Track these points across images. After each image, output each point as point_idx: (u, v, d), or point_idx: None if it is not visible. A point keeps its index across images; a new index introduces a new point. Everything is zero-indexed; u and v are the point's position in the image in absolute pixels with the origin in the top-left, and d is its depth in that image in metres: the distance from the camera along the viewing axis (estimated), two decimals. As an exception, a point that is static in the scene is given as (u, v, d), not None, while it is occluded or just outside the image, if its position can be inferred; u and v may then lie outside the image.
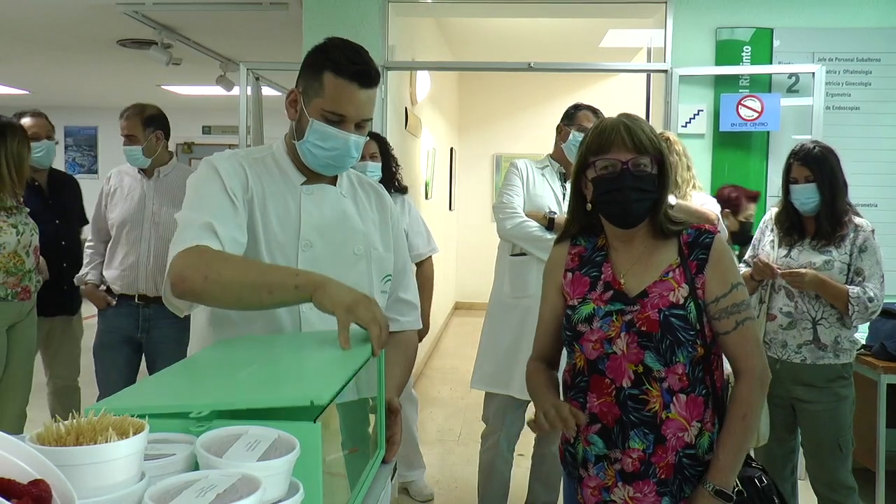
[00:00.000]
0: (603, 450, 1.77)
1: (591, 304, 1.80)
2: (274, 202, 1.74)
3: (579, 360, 1.81)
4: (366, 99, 1.72)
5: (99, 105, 10.73)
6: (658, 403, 1.72)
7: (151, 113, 3.71)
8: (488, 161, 10.01)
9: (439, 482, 4.22)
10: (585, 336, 1.78)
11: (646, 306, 1.74)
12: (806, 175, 2.97)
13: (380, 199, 1.94)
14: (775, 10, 4.31)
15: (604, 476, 1.77)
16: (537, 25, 6.76)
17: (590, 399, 1.78)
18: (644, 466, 1.73)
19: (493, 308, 3.40)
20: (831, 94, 4.25)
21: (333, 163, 1.75)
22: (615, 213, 1.79)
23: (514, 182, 3.33)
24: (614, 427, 1.75)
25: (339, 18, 4.46)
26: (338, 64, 1.68)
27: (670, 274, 1.77)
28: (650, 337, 1.72)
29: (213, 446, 0.97)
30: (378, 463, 1.50)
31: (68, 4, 5.04)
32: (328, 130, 1.70)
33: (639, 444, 1.72)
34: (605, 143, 1.76)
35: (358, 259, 1.79)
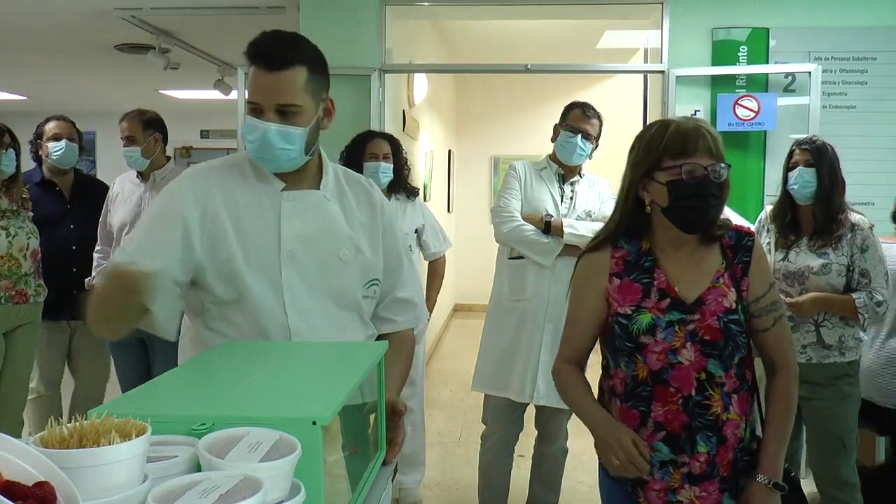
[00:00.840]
0: (669, 455, 1.78)
1: (648, 314, 1.78)
2: (249, 212, 1.70)
3: (641, 370, 1.79)
4: (276, 83, 1.64)
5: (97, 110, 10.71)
6: (720, 406, 1.76)
7: (151, 116, 3.85)
8: (486, 163, 10.01)
9: (440, 483, 4.23)
10: (649, 347, 1.77)
11: (705, 314, 1.76)
12: (806, 159, 3.00)
13: (369, 197, 1.89)
14: (771, 10, 4.32)
15: (669, 479, 1.78)
16: (534, 27, 6.76)
17: (654, 408, 1.78)
18: (710, 467, 1.76)
19: (492, 311, 3.41)
20: (828, 94, 4.26)
21: (262, 155, 1.68)
22: (690, 218, 1.76)
23: (511, 185, 3.34)
24: (681, 433, 1.76)
25: (336, 21, 4.47)
26: (248, 51, 1.65)
27: (720, 280, 1.80)
28: (714, 345, 1.75)
29: (215, 448, 0.98)
30: (379, 464, 1.51)
31: (66, 9, 5.05)
32: (248, 121, 1.67)
33: (704, 447, 1.76)
34: (690, 146, 1.73)
35: (344, 265, 1.76)
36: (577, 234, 3.19)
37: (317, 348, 1.58)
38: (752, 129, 4.26)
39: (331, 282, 1.74)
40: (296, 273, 1.69)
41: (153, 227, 1.70)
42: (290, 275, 1.69)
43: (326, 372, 1.37)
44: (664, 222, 1.80)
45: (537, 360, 3.23)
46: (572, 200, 3.32)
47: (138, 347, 3.82)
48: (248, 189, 1.73)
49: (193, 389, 1.26)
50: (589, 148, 3.28)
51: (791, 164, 3.06)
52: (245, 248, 1.68)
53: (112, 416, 0.94)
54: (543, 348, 3.23)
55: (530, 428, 3.52)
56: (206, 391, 1.25)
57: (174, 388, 1.28)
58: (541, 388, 3.24)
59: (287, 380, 1.29)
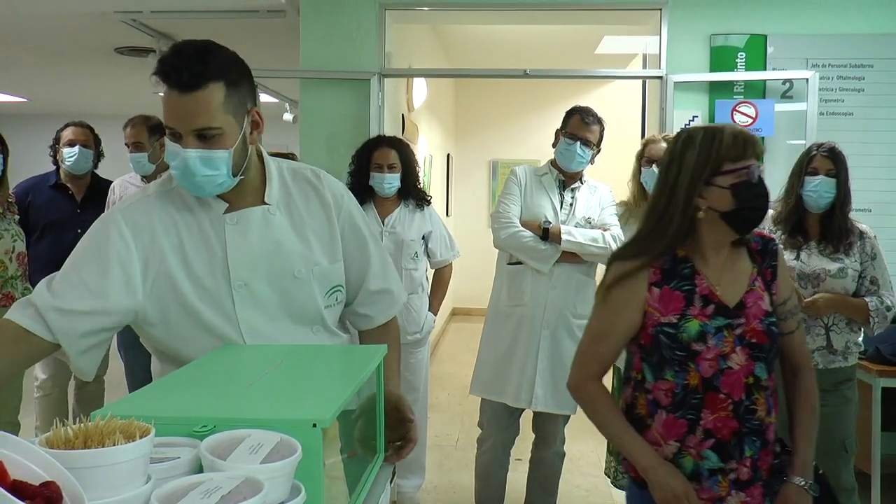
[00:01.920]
0: (718, 463, 1.77)
1: (695, 322, 1.77)
2: (193, 243, 1.59)
3: (693, 378, 1.77)
4: (191, 105, 1.48)
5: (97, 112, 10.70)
6: (764, 410, 1.78)
7: (156, 122, 3.94)
8: (485, 167, 10.03)
9: (437, 487, 4.23)
10: (702, 355, 1.76)
11: (749, 318, 1.77)
12: (829, 168, 2.94)
13: (319, 196, 1.74)
14: (769, 17, 4.34)
15: (717, 488, 1.78)
16: (533, 32, 6.79)
17: (704, 416, 1.77)
18: (754, 472, 1.78)
19: (490, 315, 3.42)
20: (825, 100, 4.27)
21: (186, 183, 1.56)
22: (754, 219, 1.78)
23: (511, 191, 3.34)
24: (731, 440, 1.76)
25: (336, 26, 4.48)
26: (158, 70, 1.49)
27: (756, 283, 1.82)
28: (761, 347, 1.77)
29: (216, 449, 0.99)
30: (378, 467, 1.52)
31: (66, 12, 5.06)
32: (168, 147, 1.53)
33: (749, 451, 1.77)
34: (748, 149, 1.75)
35: (300, 282, 1.66)
36: (575, 241, 3.20)
37: (318, 351, 1.59)
38: (750, 135, 4.27)
39: (289, 302, 1.67)
40: (250, 301, 1.61)
41: (86, 264, 1.55)
42: (244, 305, 1.61)
43: (327, 375, 1.38)
44: (714, 228, 1.79)
45: (535, 366, 3.24)
46: (572, 207, 3.33)
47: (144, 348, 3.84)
48: (190, 217, 1.61)
49: (196, 392, 1.28)
50: (589, 154, 3.28)
51: (810, 170, 3.02)
52: (193, 283, 1.58)
53: (116, 418, 0.95)
54: (541, 354, 3.24)
55: (527, 432, 3.53)
56: (209, 393, 1.26)
57: (177, 390, 1.29)
58: (538, 394, 3.24)
59: (288, 382, 1.30)
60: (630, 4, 4.49)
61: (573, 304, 3.27)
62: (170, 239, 1.59)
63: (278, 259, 1.64)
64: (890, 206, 4.28)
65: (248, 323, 1.62)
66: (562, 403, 3.28)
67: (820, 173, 2.95)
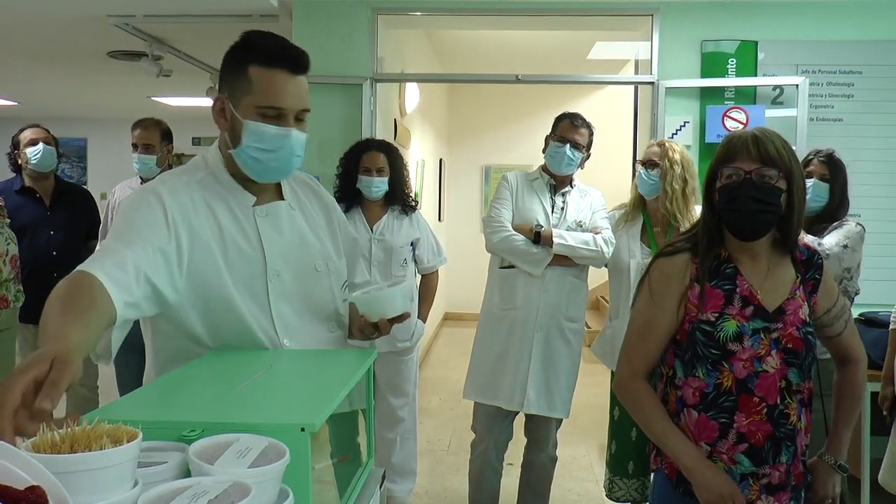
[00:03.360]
0: (750, 468, 1.77)
1: (733, 321, 1.77)
2: (230, 234, 1.59)
3: (727, 379, 1.77)
4: (300, 88, 1.58)
5: (89, 116, 10.71)
6: (796, 416, 1.79)
7: (166, 128, 3.99)
8: (477, 172, 10.03)
9: (429, 492, 4.23)
10: (737, 355, 1.76)
11: (787, 323, 1.78)
12: (823, 173, 2.99)
13: (318, 197, 1.82)
14: (760, 23, 4.37)
15: (748, 492, 1.77)
16: (526, 38, 6.80)
17: (738, 418, 1.77)
18: (787, 477, 1.79)
19: (483, 319, 3.43)
20: (815, 106, 4.30)
21: (278, 165, 1.59)
22: (735, 222, 1.78)
23: (503, 196, 3.36)
24: (765, 444, 1.76)
25: (328, 30, 4.49)
26: (264, 53, 1.56)
27: (797, 291, 1.83)
28: (796, 354, 1.77)
29: (204, 454, 0.99)
30: (367, 471, 1.52)
31: (58, 16, 5.05)
32: (266, 129, 1.55)
33: (784, 457, 1.78)
34: (732, 152, 1.77)
35: (320, 276, 1.71)
36: (567, 244, 3.21)
37: (306, 356, 1.59)
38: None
39: (310, 296, 1.69)
40: (282, 292, 1.63)
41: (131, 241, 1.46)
42: (277, 296, 1.62)
43: (316, 379, 1.38)
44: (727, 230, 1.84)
45: (527, 369, 3.25)
46: (563, 211, 3.34)
47: (139, 352, 3.83)
48: (224, 205, 1.61)
49: (184, 396, 1.27)
50: (578, 157, 3.30)
51: (806, 173, 3.04)
52: (231, 271, 1.57)
53: (103, 422, 0.95)
54: (533, 356, 3.25)
55: (520, 436, 3.53)
56: (197, 398, 1.26)
57: (165, 394, 1.29)
58: (531, 396, 3.26)
59: (277, 387, 1.30)
60: (622, 10, 4.51)
61: (565, 307, 3.29)
62: (209, 223, 1.58)
63: (303, 252, 1.69)
64: (879, 211, 4.31)
65: (280, 314, 1.63)
66: (554, 406, 3.29)
67: (814, 176, 2.99)
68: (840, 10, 4.34)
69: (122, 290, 1.38)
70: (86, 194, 4.34)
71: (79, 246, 4.15)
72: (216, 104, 1.61)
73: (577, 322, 3.34)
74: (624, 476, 3.23)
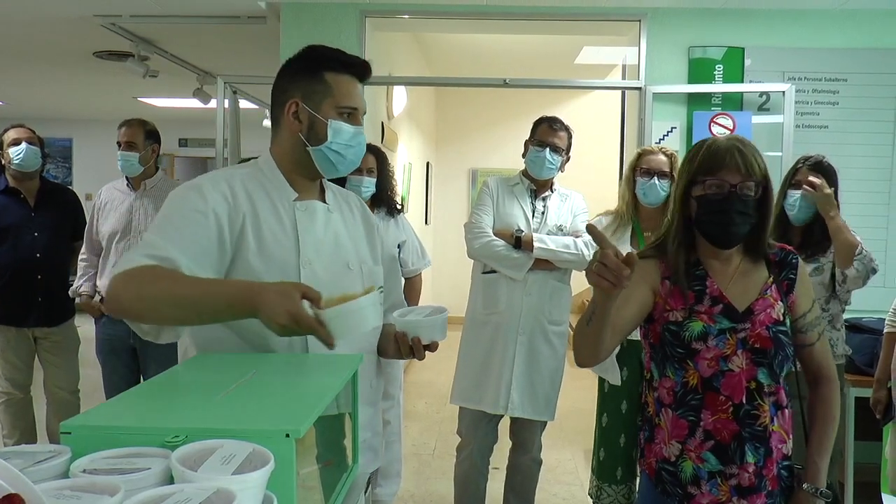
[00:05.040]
0: (717, 466, 1.79)
1: (699, 322, 1.80)
2: (268, 221, 1.70)
3: (692, 377, 1.80)
4: (362, 92, 1.82)
5: (75, 117, 10.65)
6: (767, 417, 1.78)
7: (152, 128, 3.97)
8: (464, 175, 10.04)
9: (414, 496, 4.22)
10: (701, 354, 1.79)
11: (755, 323, 1.79)
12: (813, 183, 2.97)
13: (363, 212, 1.97)
14: (747, 30, 4.39)
15: (717, 492, 1.78)
16: (514, 42, 6.81)
17: (703, 416, 1.80)
18: (758, 480, 1.78)
19: (467, 324, 3.44)
20: (801, 113, 4.33)
21: (354, 159, 1.79)
22: (715, 233, 1.81)
23: (484, 201, 3.38)
24: (731, 443, 1.77)
25: (317, 33, 4.48)
26: (338, 63, 1.75)
27: (768, 291, 1.84)
28: (764, 353, 1.77)
29: (188, 460, 0.98)
30: (353, 476, 1.52)
31: (45, 16, 5.02)
32: (347, 127, 1.75)
33: (752, 457, 1.77)
34: (718, 163, 1.78)
35: (352, 275, 1.79)
36: (547, 248, 3.23)
37: (292, 360, 1.58)
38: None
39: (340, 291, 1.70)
40: (313, 281, 1.66)
41: (186, 223, 1.61)
42: (308, 281, 1.67)
43: (301, 384, 1.38)
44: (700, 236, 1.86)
45: (511, 372, 3.26)
46: (543, 215, 3.36)
47: (128, 355, 3.88)
48: (265, 196, 1.73)
49: (167, 401, 1.26)
50: (558, 161, 3.32)
51: (794, 182, 3.04)
52: (263, 255, 1.67)
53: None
54: (517, 360, 3.26)
55: (505, 440, 3.53)
56: (181, 403, 1.25)
57: (148, 399, 1.28)
58: (515, 399, 3.27)
59: (261, 392, 1.29)
60: (609, 15, 4.52)
61: (548, 310, 3.30)
62: (247, 213, 1.68)
63: (337, 249, 1.79)
64: (864, 218, 4.33)
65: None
66: (538, 410, 3.30)
67: (803, 186, 2.98)
68: (826, 18, 4.37)
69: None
70: (71, 195, 4.31)
71: (64, 247, 4.13)
72: (289, 108, 1.74)
73: (560, 325, 3.35)
74: (612, 483, 3.22)
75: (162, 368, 1.52)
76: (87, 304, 3.93)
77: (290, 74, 1.78)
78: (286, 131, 1.76)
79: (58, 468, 1.01)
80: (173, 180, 4.21)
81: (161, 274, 1.50)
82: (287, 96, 1.75)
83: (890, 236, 4.35)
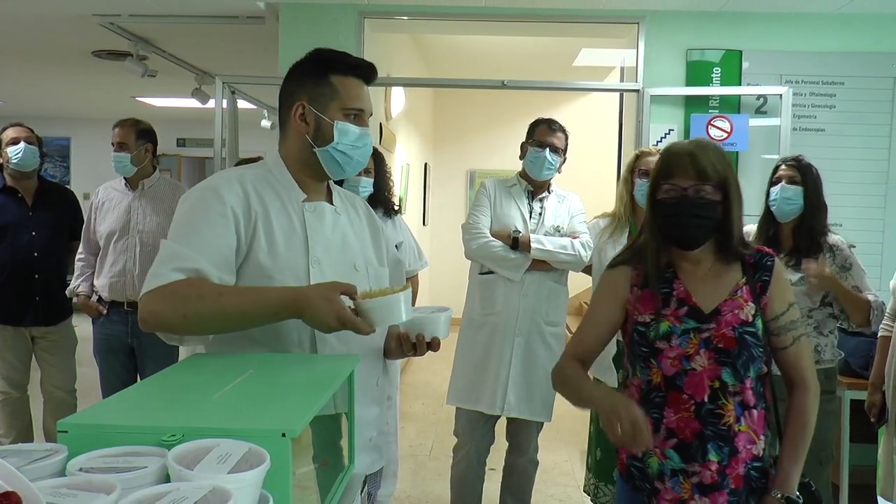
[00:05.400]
0: (679, 464, 1.82)
1: (666, 322, 1.84)
2: (278, 221, 1.72)
3: (656, 376, 1.85)
4: (369, 94, 1.82)
5: (73, 116, 10.64)
6: (732, 417, 1.80)
7: (145, 127, 3.95)
8: (462, 176, 10.05)
9: (410, 497, 4.23)
10: (664, 353, 1.83)
11: (720, 324, 1.81)
12: (791, 175, 3.03)
13: (370, 215, 1.99)
14: (744, 33, 4.40)
15: (679, 489, 1.82)
16: (512, 43, 6.82)
17: (667, 414, 1.83)
18: (720, 478, 1.79)
19: (464, 325, 3.44)
20: (798, 116, 4.34)
21: (360, 159, 1.81)
22: (673, 236, 1.87)
23: (481, 203, 3.39)
24: (693, 441, 1.80)
25: (315, 33, 4.48)
26: (344, 65, 1.77)
27: (738, 292, 1.85)
28: (728, 353, 1.79)
29: (184, 459, 0.98)
30: (349, 476, 1.52)
31: (44, 15, 5.02)
32: (353, 128, 1.77)
33: (715, 456, 1.79)
34: (672, 168, 1.84)
35: (359, 276, 1.80)
36: (545, 249, 3.23)
37: (289, 361, 1.58)
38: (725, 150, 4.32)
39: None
40: (319, 278, 1.71)
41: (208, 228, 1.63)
42: (316, 280, 1.70)
43: (298, 384, 1.38)
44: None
45: (508, 373, 3.27)
46: (541, 216, 3.36)
47: (125, 354, 3.89)
48: (275, 196, 1.75)
49: (164, 400, 1.27)
50: (557, 161, 3.33)
51: (774, 180, 3.09)
52: (273, 255, 1.69)
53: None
54: (514, 361, 3.27)
55: (501, 441, 3.54)
56: (177, 402, 1.25)
57: (145, 398, 1.28)
58: (511, 400, 3.27)
59: (258, 392, 1.30)
60: (608, 18, 4.53)
61: (545, 311, 3.31)
62: (259, 213, 1.70)
63: (344, 250, 1.81)
64: (861, 220, 4.35)
65: None
66: (535, 411, 3.30)
67: (783, 181, 3.02)
68: (823, 22, 4.38)
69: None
70: (69, 194, 4.31)
71: (61, 247, 4.13)
72: (296, 110, 1.76)
73: (557, 326, 3.35)
74: (609, 482, 3.24)
75: (159, 368, 1.52)
76: (85, 304, 3.93)
77: (297, 77, 1.79)
78: (293, 133, 1.79)
79: (54, 466, 1.01)
80: (174, 181, 4.20)
81: (202, 290, 1.55)
82: (294, 98, 1.77)
83: (886, 239, 4.36)
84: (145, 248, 3.80)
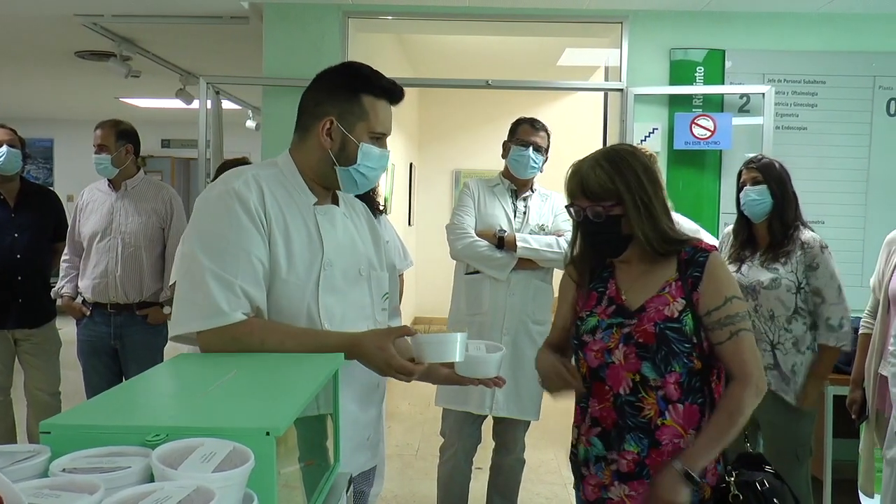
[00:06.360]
0: (602, 451, 1.91)
1: (595, 317, 1.94)
2: (294, 223, 1.73)
3: (583, 367, 1.95)
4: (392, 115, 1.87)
5: (55, 117, 10.56)
6: (653, 410, 1.84)
7: (125, 128, 3.93)
8: (447, 176, 10.05)
9: (397, 496, 4.23)
10: (588, 346, 1.92)
11: (643, 320, 1.86)
12: (754, 177, 3.09)
13: (369, 218, 2.02)
14: (727, 33, 4.43)
15: (602, 475, 1.91)
16: (496, 43, 6.82)
17: (591, 404, 1.94)
18: (638, 468, 1.84)
19: (451, 325, 3.45)
20: (780, 115, 4.37)
21: (375, 178, 1.84)
22: (593, 248, 1.98)
23: (465, 202, 3.39)
24: (612, 430, 1.88)
25: (300, 33, 4.47)
26: (378, 88, 1.80)
27: (667, 289, 1.88)
28: (647, 348, 1.83)
29: (168, 458, 0.98)
30: (334, 476, 1.52)
31: (25, 15, 4.98)
32: (377, 152, 1.81)
33: (633, 447, 1.85)
34: (570, 189, 1.93)
35: (363, 281, 1.84)
36: (531, 247, 3.24)
37: (273, 360, 1.58)
38: (708, 148, 4.35)
39: (350, 297, 1.81)
40: (331, 283, 1.75)
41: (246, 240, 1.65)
42: (327, 286, 1.74)
43: (282, 383, 1.38)
44: None
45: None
46: (525, 215, 3.37)
47: (108, 356, 3.88)
48: (290, 200, 1.76)
49: (148, 400, 1.26)
50: (540, 160, 3.34)
51: (740, 185, 3.15)
52: (289, 256, 1.70)
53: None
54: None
55: (488, 440, 3.54)
56: (161, 402, 1.25)
57: (129, 398, 1.28)
58: (500, 400, 3.28)
59: (242, 391, 1.30)
60: (591, 17, 4.55)
61: (532, 310, 3.32)
62: (274, 214, 1.71)
63: (352, 254, 1.83)
64: (843, 218, 4.39)
65: (326, 305, 1.74)
66: (523, 409, 3.31)
67: (748, 184, 3.10)
68: (805, 21, 4.41)
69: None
70: (52, 196, 4.29)
71: (44, 248, 4.11)
72: (324, 124, 1.76)
73: (543, 324, 3.36)
74: None
75: (142, 369, 1.51)
76: (69, 305, 3.92)
77: (326, 89, 1.79)
78: (316, 145, 1.78)
79: (37, 468, 1.01)
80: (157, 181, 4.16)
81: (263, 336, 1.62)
82: (322, 111, 1.77)
83: (867, 236, 4.39)
84: (127, 249, 3.80)
